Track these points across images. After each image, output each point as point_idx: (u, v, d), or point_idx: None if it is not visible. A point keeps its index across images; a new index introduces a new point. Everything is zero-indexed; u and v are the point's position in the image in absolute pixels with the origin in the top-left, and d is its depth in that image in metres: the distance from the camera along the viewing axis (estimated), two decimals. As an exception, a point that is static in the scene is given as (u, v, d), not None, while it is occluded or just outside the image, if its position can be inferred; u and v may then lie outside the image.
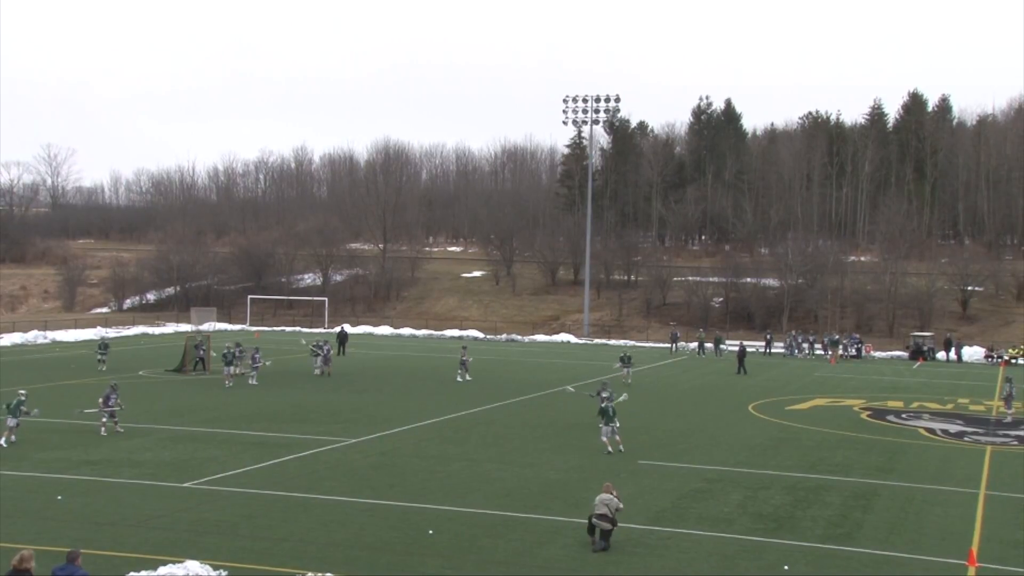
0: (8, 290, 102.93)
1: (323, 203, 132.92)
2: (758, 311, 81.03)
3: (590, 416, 35.02)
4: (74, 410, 30.96)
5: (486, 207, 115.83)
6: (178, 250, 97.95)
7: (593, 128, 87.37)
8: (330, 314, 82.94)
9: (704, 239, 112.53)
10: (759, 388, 45.49)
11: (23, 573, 12.37)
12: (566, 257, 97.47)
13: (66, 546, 14.77)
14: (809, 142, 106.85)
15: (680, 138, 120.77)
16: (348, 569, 16.09)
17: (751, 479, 24.50)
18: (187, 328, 71.27)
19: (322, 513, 20.02)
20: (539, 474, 24.55)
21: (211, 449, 26.70)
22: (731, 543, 18.58)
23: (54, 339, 63.10)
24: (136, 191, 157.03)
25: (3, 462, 24.32)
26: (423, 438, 29.61)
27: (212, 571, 15.07)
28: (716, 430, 32.76)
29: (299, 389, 40.79)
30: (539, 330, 79.44)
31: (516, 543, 18.23)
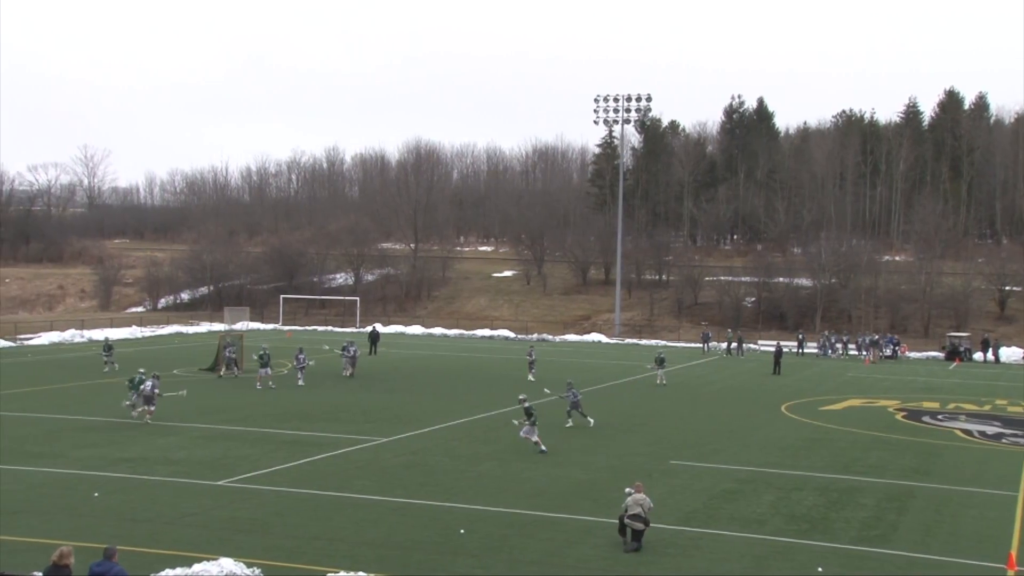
0: (46, 289, 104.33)
1: (355, 203, 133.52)
2: (791, 311, 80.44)
3: (621, 417, 35.00)
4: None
5: (517, 207, 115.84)
6: (211, 250, 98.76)
7: (624, 127, 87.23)
8: (361, 314, 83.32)
9: (736, 239, 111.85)
10: (792, 388, 45.16)
11: (63, 569, 12.55)
12: (597, 257, 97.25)
13: (103, 543, 14.93)
14: (842, 141, 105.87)
15: (712, 137, 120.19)
16: (379, 568, 16.15)
17: (783, 480, 24.33)
18: (220, 327, 71.86)
19: (353, 512, 20.12)
20: (569, 474, 24.52)
21: (244, 448, 26.91)
22: (763, 544, 18.46)
23: (90, 338, 63.85)
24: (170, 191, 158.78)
25: (42, 459, 24.67)
26: (454, 437, 29.67)
27: (245, 568, 15.17)
28: (748, 430, 32.55)
29: (330, 389, 41.00)
30: (570, 330, 79.32)
31: (547, 543, 18.22)
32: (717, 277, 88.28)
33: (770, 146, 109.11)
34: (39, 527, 18.27)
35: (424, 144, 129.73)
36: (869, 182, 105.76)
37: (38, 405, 34.16)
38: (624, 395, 41.65)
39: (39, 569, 13.49)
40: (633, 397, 41.03)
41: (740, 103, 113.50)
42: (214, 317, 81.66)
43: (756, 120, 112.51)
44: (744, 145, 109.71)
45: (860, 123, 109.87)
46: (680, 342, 73.35)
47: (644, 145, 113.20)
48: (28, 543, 17.13)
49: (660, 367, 45.83)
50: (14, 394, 37.08)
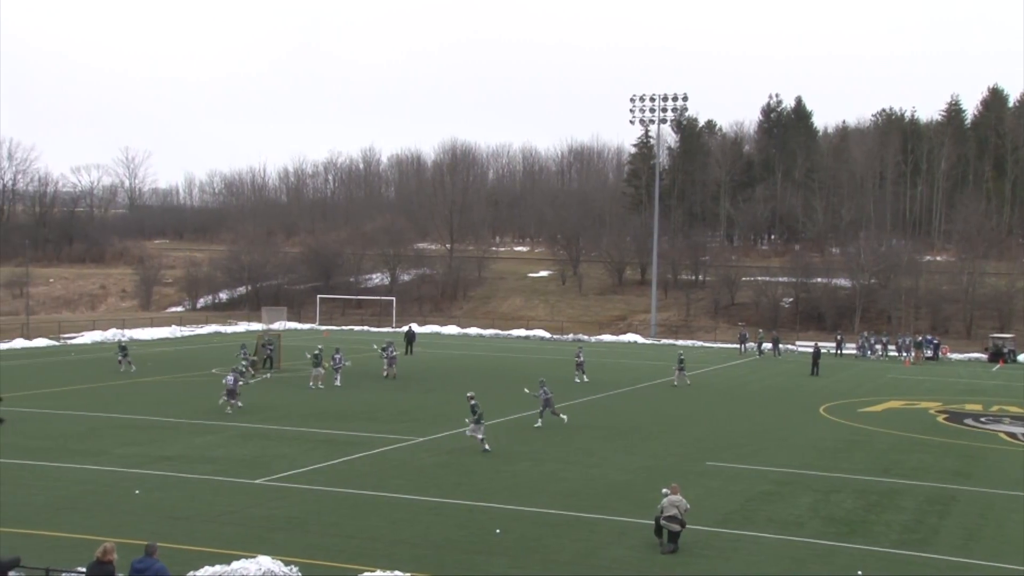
0: (88, 289, 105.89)
1: (391, 203, 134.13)
2: (829, 311, 79.67)
3: (657, 417, 34.86)
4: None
5: (552, 207, 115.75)
6: (249, 250, 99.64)
7: (661, 127, 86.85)
8: (398, 314, 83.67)
9: (773, 238, 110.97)
10: (830, 390, 44.72)
11: (106, 565, 12.75)
12: (633, 257, 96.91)
13: (144, 539, 15.15)
14: (882, 140, 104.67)
15: (749, 136, 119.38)
16: (415, 567, 16.21)
17: (822, 482, 24.09)
18: (258, 327, 72.49)
19: (390, 511, 20.21)
20: (605, 474, 24.46)
21: (281, 446, 27.12)
22: (801, 547, 18.29)
23: (131, 337, 64.65)
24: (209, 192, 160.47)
25: (85, 456, 25.04)
26: (489, 437, 29.63)
27: (283, 566, 15.28)
28: (785, 432, 32.28)
29: (367, 388, 41.21)
30: (606, 330, 79.11)
31: (582, 543, 18.18)
32: (754, 277, 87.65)
33: (808, 145, 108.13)
34: (83, 523, 18.55)
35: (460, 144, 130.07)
36: (909, 181, 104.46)
37: (81, 403, 34.68)
38: (660, 396, 41.47)
39: (83, 565, 13.69)
40: (669, 398, 40.84)
41: (778, 102, 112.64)
42: (252, 317, 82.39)
43: (794, 119, 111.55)
44: (782, 144, 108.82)
45: (900, 122, 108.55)
46: (717, 342, 72.91)
47: (680, 145, 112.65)
48: (72, 539, 17.41)
49: (680, 369, 45.09)
50: (58, 392, 37.68)
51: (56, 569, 14.31)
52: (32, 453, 25.35)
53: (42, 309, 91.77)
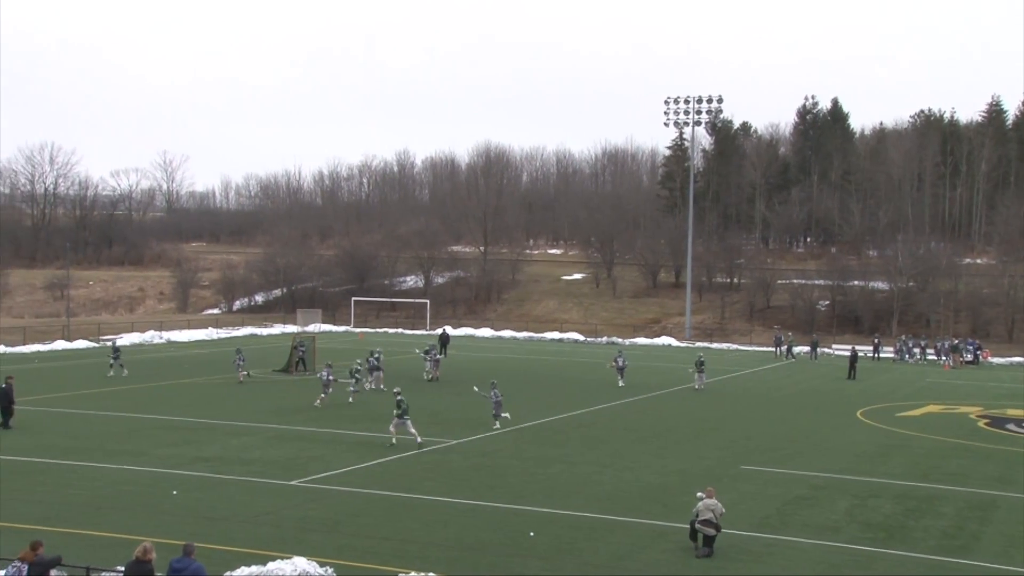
0: (127, 292, 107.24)
1: (425, 206, 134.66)
2: (866, 315, 78.84)
3: (692, 420, 34.69)
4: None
5: (586, 209, 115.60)
6: (284, 253, 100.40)
7: (695, 129, 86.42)
8: (432, 316, 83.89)
9: (809, 241, 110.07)
10: (868, 393, 44.24)
11: (145, 564, 12.92)
12: (667, 259, 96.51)
13: (181, 539, 15.30)
14: (921, 141, 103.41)
15: (784, 138, 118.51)
16: (449, 569, 16.24)
17: (859, 487, 23.84)
18: (293, 329, 72.98)
19: (423, 513, 20.26)
20: (639, 477, 24.37)
21: (316, 448, 27.29)
22: (838, 552, 18.11)
23: (169, 339, 65.40)
24: (245, 195, 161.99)
25: (125, 457, 25.35)
26: (522, 440, 29.69)
27: (318, 568, 15.37)
28: (822, 436, 31.99)
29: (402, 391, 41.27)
30: (640, 333, 78.80)
31: (616, 546, 18.13)
32: (790, 280, 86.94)
33: (845, 147, 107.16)
34: (122, 523, 18.79)
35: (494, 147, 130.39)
36: (949, 183, 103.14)
37: (120, 404, 35.10)
38: (694, 399, 41.25)
39: (122, 564, 13.86)
40: (703, 401, 40.62)
41: (814, 104, 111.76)
42: (287, 319, 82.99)
43: (830, 121, 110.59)
44: (818, 146, 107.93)
45: (939, 123, 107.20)
46: (752, 345, 72.42)
47: (715, 147, 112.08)
48: (112, 538, 17.63)
49: (699, 372, 44.45)
50: (97, 393, 38.18)
51: (96, 568, 14.50)
52: (73, 453, 25.71)
53: (82, 311, 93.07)
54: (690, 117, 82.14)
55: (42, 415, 32.34)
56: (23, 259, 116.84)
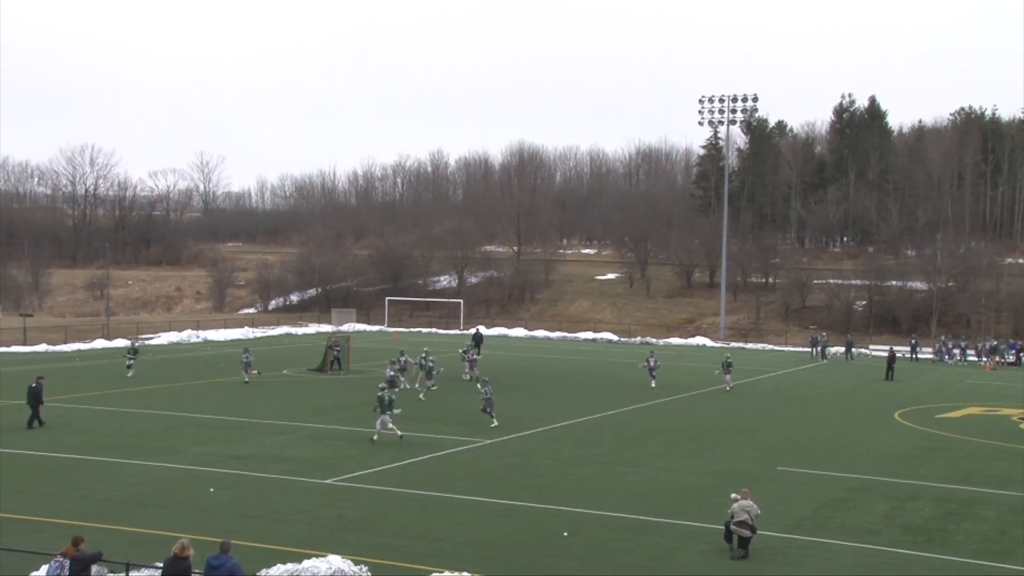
0: (165, 291, 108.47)
1: (458, 206, 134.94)
2: (904, 315, 77.92)
3: (727, 421, 34.46)
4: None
5: (620, 209, 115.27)
6: (319, 253, 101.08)
7: (730, 128, 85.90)
8: (465, 316, 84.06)
9: (846, 240, 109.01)
10: (906, 395, 43.72)
11: (182, 560, 13.05)
12: (701, 259, 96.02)
13: (218, 536, 15.42)
14: (961, 139, 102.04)
15: (821, 137, 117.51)
16: (483, 569, 16.24)
17: (897, 489, 23.56)
18: (328, 329, 73.43)
19: (457, 512, 20.29)
20: (674, 478, 24.25)
21: (350, 447, 27.42)
22: (876, 555, 17.90)
23: (206, 338, 66.03)
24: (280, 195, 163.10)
25: (163, 455, 25.63)
26: (557, 440, 29.65)
27: (353, 566, 15.43)
28: (859, 437, 31.65)
29: (436, 390, 41.40)
30: (674, 333, 78.46)
31: (650, 548, 18.05)
32: (826, 280, 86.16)
33: (883, 145, 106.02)
34: (160, 519, 18.99)
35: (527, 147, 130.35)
36: (990, 181, 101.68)
37: (158, 402, 35.49)
38: (729, 400, 40.97)
39: (160, 560, 14.01)
40: (739, 402, 40.33)
41: (851, 102, 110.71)
42: (322, 319, 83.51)
43: (868, 119, 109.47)
44: (855, 145, 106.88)
45: (980, 120, 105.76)
46: (787, 346, 71.83)
47: (750, 146, 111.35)
48: (150, 535, 17.83)
49: (727, 372, 43.84)
50: (136, 392, 38.64)
51: (136, 564, 14.66)
52: (113, 450, 26.03)
53: (121, 310, 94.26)
54: (725, 116, 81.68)
55: (82, 412, 32.79)
56: (64, 259, 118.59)
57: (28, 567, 15.12)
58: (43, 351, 55.38)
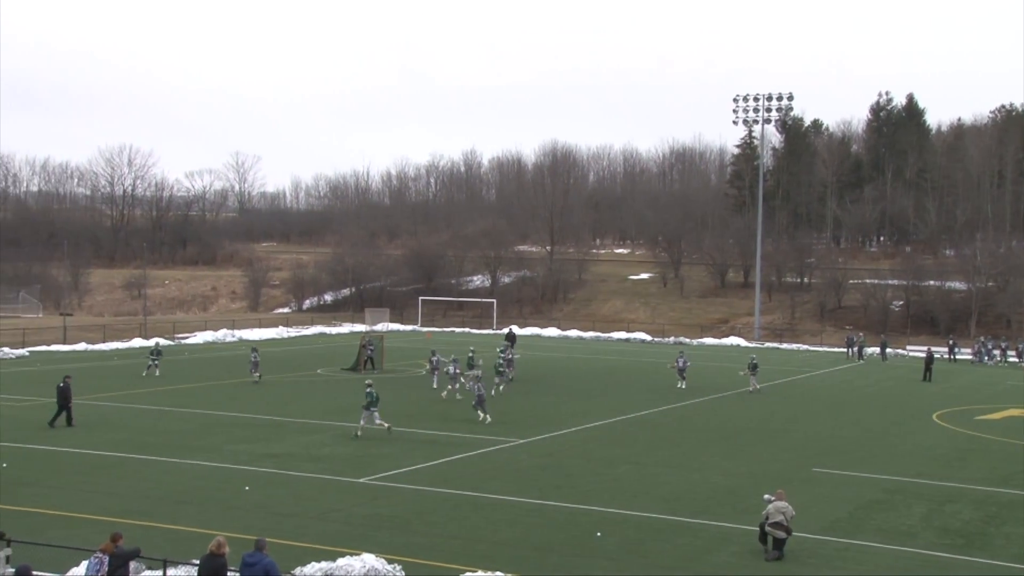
0: (200, 291, 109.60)
1: (491, 206, 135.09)
2: (942, 315, 76.95)
3: (761, 422, 34.24)
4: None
5: (653, 209, 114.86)
6: (353, 252, 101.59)
7: (765, 127, 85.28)
8: (498, 315, 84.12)
9: (883, 240, 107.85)
10: (944, 396, 43.18)
11: (219, 558, 13.18)
12: (735, 259, 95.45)
13: (253, 534, 15.55)
14: (1001, 137, 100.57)
15: (857, 136, 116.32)
16: (516, 568, 16.25)
17: (935, 491, 23.28)
18: (362, 328, 73.80)
19: (490, 512, 20.32)
20: (707, 479, 24.12)
21: (384, 446, 27.53)
22: (914, 558, 17.70)
23: (241, 337, 66.58)
24: (314, 195, 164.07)
25: (199, 453, 25.90)
26: (590, 440, 29.61)
27: (387, 564, 15.50)
28: (896, 438, 31.32)
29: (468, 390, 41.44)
30: (707, 333, 78.05)
31: (684, 548, 17.97)
32: (862, 280, 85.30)
33: (920, 144, 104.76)
34: (197, 517, 19.20)
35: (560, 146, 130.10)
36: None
37: (194, 401, 35.87)
38: (764, 400, 40.69)
39: (197, 557, 14.15)
40: (774, 402, 40.04)
41: (888, 100, 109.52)
42: (355, 318, 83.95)
43: (905, 117, 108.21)
44: (892, 143, 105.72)
45: (1021, 118, 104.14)
46: (823, 346, 71.21)
47: (785, 145, 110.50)
48: (187, 532, 18.03)
49: (753, 373, 43.18)
50: (173, 390, 39.07)
51: (173, 560, 14.82)
52: (150, 448, 26.33)
53: (158, 310, 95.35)
54: (759, 115, 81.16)
55: (121, 411, 33.21)
56: (103, 259, 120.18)
57: (68, 563, 15.34)
58: (82, 350, 56.17)
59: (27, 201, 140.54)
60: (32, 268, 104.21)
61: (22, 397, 35.88)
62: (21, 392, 37.25)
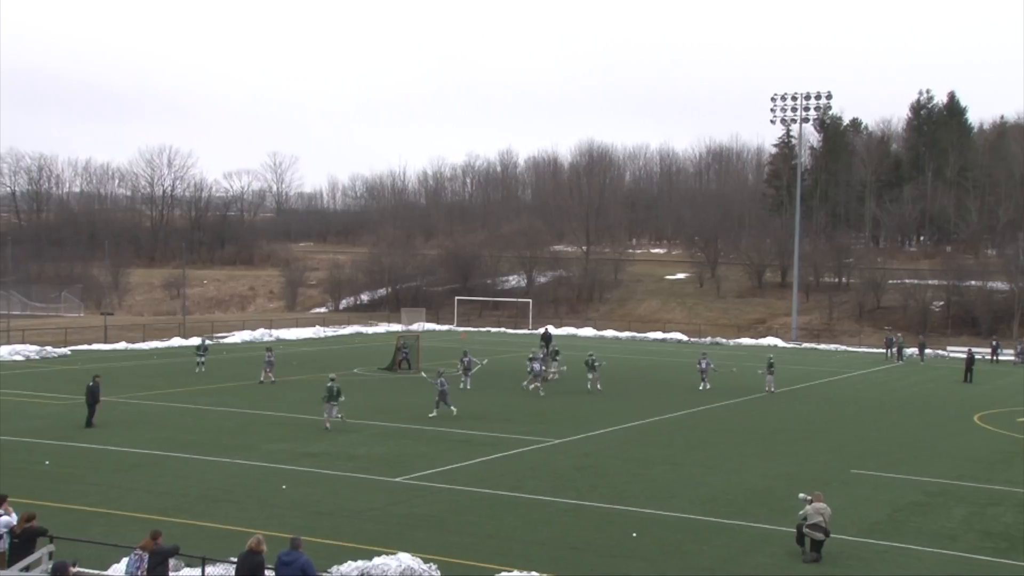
0: (238, 291, 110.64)
1: (527, 205, 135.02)
2: (984, 316, 75.80)
3: (799, 423, 33.95)
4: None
5: (690, 208, 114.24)
6: (389, 252, 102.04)
7: (803, 126, 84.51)
8: (534, 315, 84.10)
9: (922, 240, 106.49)
10: (986, 398, 42.53)
11: (257, 555, 13.32)
12: (773, 259, 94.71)
13: (290, 532, 15.69)
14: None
15: (897, 134, 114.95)
16: (552, 568, 16.24)
17: (977, 494, 22.95)
18: (398, 328, 74.09)
19: (526, 512, 20.32)
20: (744, 480, 23.95)
21: (420, 445, 27.63)
22: (955, 561, 17.46)
23: (278, 337, 67.08)
24: (351, 195, 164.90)
25: (237, 451, 26.14)
26: (626, 440, 29.53)
27: (422, 564, 15.55)
28: (937, 440, 30.92)
29: (503, 389, 41.54)
30: (744, 333, 77.50)
31: (721, 549, 17.87)
32: (901, 280, 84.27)
33: (962, 142, 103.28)
34: (235, 515, 19.39)
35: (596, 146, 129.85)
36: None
37: (232, 400, 36.21)
38: (802, 400, 40.33)
39: (234, 555, 14.29)
40: (811, 403, 39.67)
41: (929, 98, 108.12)
42: (391, 318, 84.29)
43: (946, 115, 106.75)
44: (932, 142, 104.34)
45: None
46: (861, 347, 70.45)
47: (823, 144, 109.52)
48: (225, 530, 18.21)
49: (770, 373, 42.52)
50: (211, 389, 39.49)
51: (211, 558, 14.98)
52: (189, 447, 26.64)
53: (197, 309, 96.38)
54: (798, 114, 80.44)
55: (160, 409, 33.62)
56: (143, 259, 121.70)
57: (109, 559, 15.57)
58: (123, 349, 56.91)
59: (69, 202, 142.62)
60: (74, 268, 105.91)
61: (65, 396, 36.44)
62: (63, 391, 37.83)
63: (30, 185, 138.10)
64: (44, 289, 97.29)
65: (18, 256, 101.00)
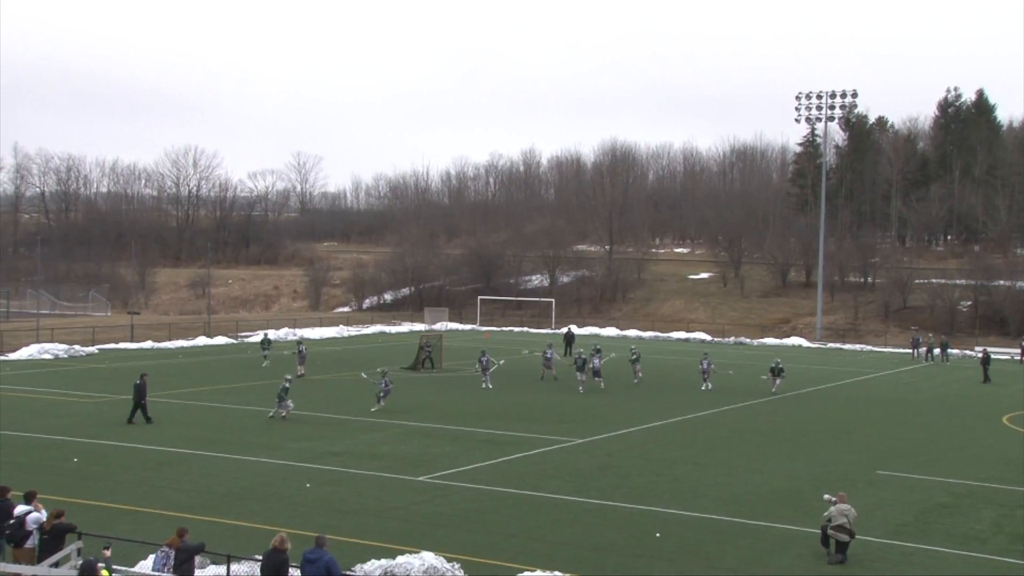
0: (263, 290, 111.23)
1: (550, 205, 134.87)
2: (1013, 316, 74.98)
3: (824, 423, 33.74)
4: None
5: (714, 208, 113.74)
6: (413, 252, 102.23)
7: (828, 125, 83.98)
8: (557, 315, 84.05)
9: (950, 239, 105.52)
10: (1014, 399, 42.08)
11: (281, 553, 13.41)
12: (797, 258, 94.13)
13: (314, 531, 15.78)
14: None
15: (923, 133, 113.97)
16: (575, 568, 16.23)
17: (1006, 496, 22.72)
18: (421, 327, 74.24)
19: (549, 511, 20.32)
20: (768, 480, 23.84)
21: (444, 445, 27.69)
22: (984, 563, 17.30)
23: (302, 336, 67.34)
24: (375, 195, 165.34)
25: (261, 450, 26.30)
26: (649, 440, 29.45)
27: (445, 563, 15.59)
28: (964, 442, 30.63)
29: (528, 389, 41.56)
30: (768, 333, 77.09)
31: (745, 550, 17.79)
32: (928, 280, 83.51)
33: (990, 140, 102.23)
34: (260, 513, 19.51)
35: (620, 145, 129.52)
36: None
37: (256, 398, 36.39)
38: (827, 401, 40.08)
39: (259, 553, 14.38)
40: (836, 403, 39.41)
41: (956, 96, 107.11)
42: (415, 317, 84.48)
43: (974, 113, 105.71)
44: (960, 140, 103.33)
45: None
46: (887, 347, 69.90)
47: (849, 143, 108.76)
48: (250, 528, 18.33)
49: (777, 378, 41.89)
50: (236, 388, 39.73)
51: (237, 556, 15.08)
52: (215, 445, 26.83)
53: (222, 308, 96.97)
54: (823, 112, 79.91)
55: (187, 408, 33.86)
56: (169, 258, 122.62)
57: (136, 556, 15.71)
58: (149, 348, 57.37)
59: (97, 202, 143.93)
60: (101, 268, 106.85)
61: (92, 394, 36.79)
62: (91, 389, 38.20)
63: (59, 186, 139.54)
64: (72, 288, 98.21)
65: (47, 256, 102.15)
